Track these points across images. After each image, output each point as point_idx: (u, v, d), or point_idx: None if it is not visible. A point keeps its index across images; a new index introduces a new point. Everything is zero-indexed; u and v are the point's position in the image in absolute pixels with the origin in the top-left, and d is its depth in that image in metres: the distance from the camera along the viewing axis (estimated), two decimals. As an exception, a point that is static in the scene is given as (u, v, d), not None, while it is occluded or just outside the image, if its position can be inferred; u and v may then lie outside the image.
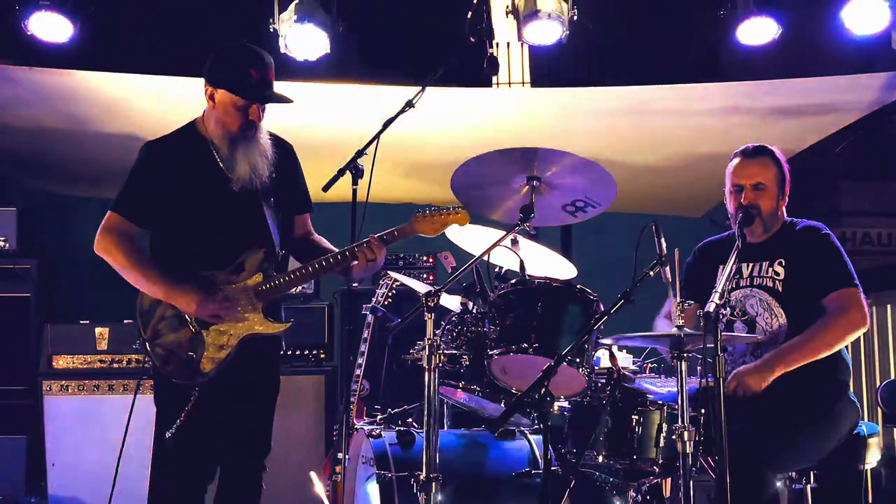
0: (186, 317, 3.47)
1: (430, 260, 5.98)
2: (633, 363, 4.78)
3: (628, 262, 3.18)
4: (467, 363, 3.39)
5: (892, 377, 6.46)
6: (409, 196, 7.08)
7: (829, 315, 3.59)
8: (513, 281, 3.44)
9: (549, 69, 6.61)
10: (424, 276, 6.12)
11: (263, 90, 3.48)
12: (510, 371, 3.35)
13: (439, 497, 3.11)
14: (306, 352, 5.89)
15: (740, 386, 3.49)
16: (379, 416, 4.50)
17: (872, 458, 3.75)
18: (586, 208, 3.49)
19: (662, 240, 2.98)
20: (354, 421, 4.90)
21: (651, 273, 2.99)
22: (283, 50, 5.27)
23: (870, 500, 5.97)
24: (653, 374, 4.82)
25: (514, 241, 4.10)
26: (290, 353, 5.86)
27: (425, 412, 3.03)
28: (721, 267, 3.80)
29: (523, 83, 6.46)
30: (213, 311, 3.41)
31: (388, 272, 5.17)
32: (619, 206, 3.72)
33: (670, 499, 3.54)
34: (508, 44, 6.17)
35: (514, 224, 3.34)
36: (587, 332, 3.01)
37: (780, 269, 3.68)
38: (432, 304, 3.03)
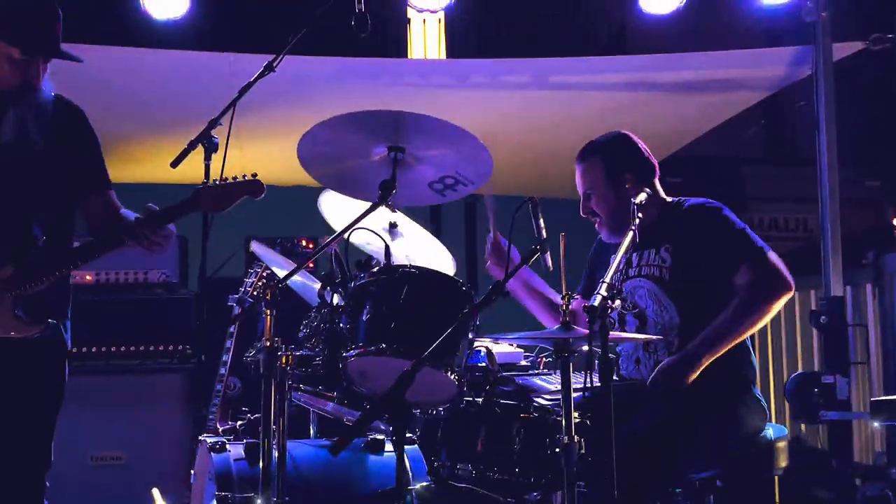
0: None
1: (311, 246, 5.46)
2: (526, 359, 4.36)
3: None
4: (320, 366, 2.88)
5: (800, 367, 6.19)
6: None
7: (747, 289, 3.19)
8: (375, 269, 2.94)
9: (449, 38, 6.20)
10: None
11: (46, 43, 2.93)
12: (369, 375, 2.85)
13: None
14: (170, 347, 5.31)
15: (667, 382, 3.10)
16: (238, 423, 3.99)
17: (782, 463, 3.40)
18: (457, 186, 2.99)
19: (541, 221, 2.52)
20: (218, 426, 4.41)
21: (528, 262, 2.53)
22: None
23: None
24: (548, 371, 4.42)
25: (394, 226, 3.63)
26: (151, 348, 5.29)
27: (262, 428, 2.53)
28: (614, 256, 3.41)
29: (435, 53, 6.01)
30: None
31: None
32: (509, 187, 3.29)
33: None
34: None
35: (372, 203, 2.83)
36: (451, 331, 2.52)
37: (666, 256, 3.27)
38: (269, 297, 2.53)
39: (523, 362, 4.17)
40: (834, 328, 5.20)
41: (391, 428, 2.61)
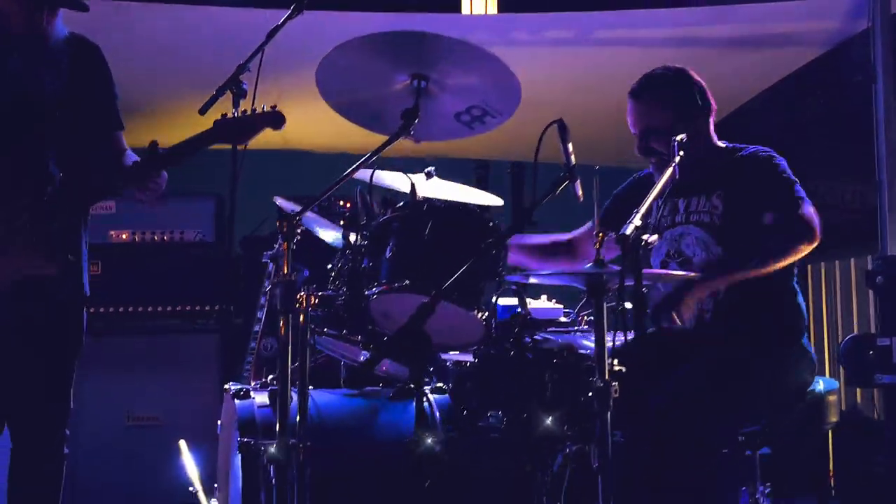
0: None
1: (347, 204, 5.34)
2: (566, 314, 4.19)
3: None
4: (342, 308, 2.77)
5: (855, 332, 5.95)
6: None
7: (773, 233, 3.07)
8: (399, 204, 2.82)
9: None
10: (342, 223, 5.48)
11: None
12: (393, 315, 2.73)
13: (307, 471, 2.54)
14: (206, 307, 5.25)
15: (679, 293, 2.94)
16: (271, 377, 3.90)
17: (832, 418, 3.23)
18: (485, 118, 2.83)
19: (570, 146, 2.36)
20: (252, 383, 4.36)
21: (556, 191, 2.38)
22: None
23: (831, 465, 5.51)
24: (589, 328, 4.25)
25: (429, 175, 3.52)
26: (188, 308, 5.24)
27: (279, 367, 2.44)
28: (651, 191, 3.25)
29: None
30: None
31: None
32: (550, 153, 3.14)
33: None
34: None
35: (395, 133, 2.69)
36: (474, 264, 2.38)
37: (718, 203, 3.12)
38: (286, 230, 2.42)
39: (563, 318, 4.03)
40: (890, 289, 4.96)
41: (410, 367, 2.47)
